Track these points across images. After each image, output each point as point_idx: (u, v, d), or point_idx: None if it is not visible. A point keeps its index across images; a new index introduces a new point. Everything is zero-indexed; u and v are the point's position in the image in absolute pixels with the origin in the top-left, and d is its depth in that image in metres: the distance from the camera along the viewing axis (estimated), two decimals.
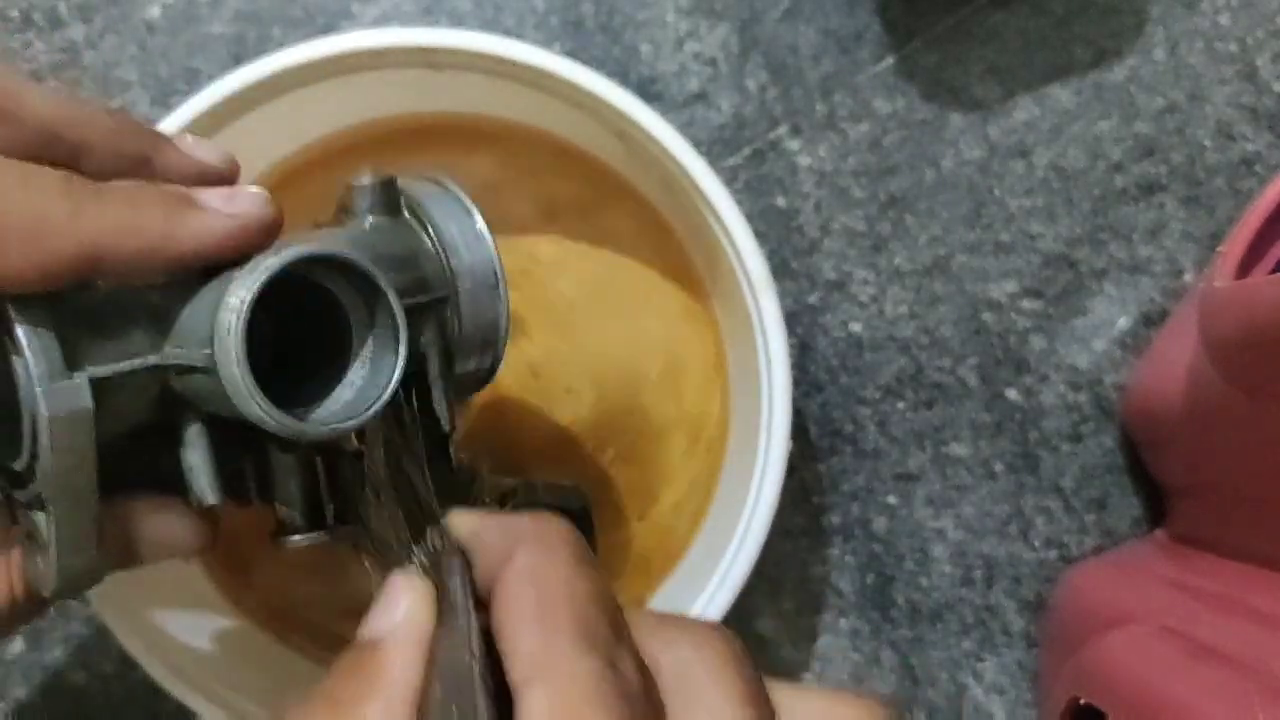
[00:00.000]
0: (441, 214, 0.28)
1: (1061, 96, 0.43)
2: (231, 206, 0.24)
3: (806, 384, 0.43)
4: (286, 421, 0.22)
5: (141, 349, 0.23)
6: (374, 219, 0.27)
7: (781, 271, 0.43)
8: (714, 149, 0.43)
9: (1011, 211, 0.43)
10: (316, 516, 0.27)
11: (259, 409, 0.22)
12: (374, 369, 0.24)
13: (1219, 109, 0.43)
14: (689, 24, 0.44)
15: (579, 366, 0.39)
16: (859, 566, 0.42)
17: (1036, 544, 0.42)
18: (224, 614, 0.38)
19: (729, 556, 0.34)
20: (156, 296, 0.24)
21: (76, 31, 0.44)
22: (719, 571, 0.34)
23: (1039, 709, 0.41)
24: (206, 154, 0.26)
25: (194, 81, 0.43)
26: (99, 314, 0.23)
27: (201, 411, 0.25)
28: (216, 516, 0.27)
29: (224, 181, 0.26)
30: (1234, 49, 0.43)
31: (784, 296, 0.42)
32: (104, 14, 0.44)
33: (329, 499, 0.27)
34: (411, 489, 0.25)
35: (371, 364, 0.24)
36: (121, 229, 0.22)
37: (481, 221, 0.28)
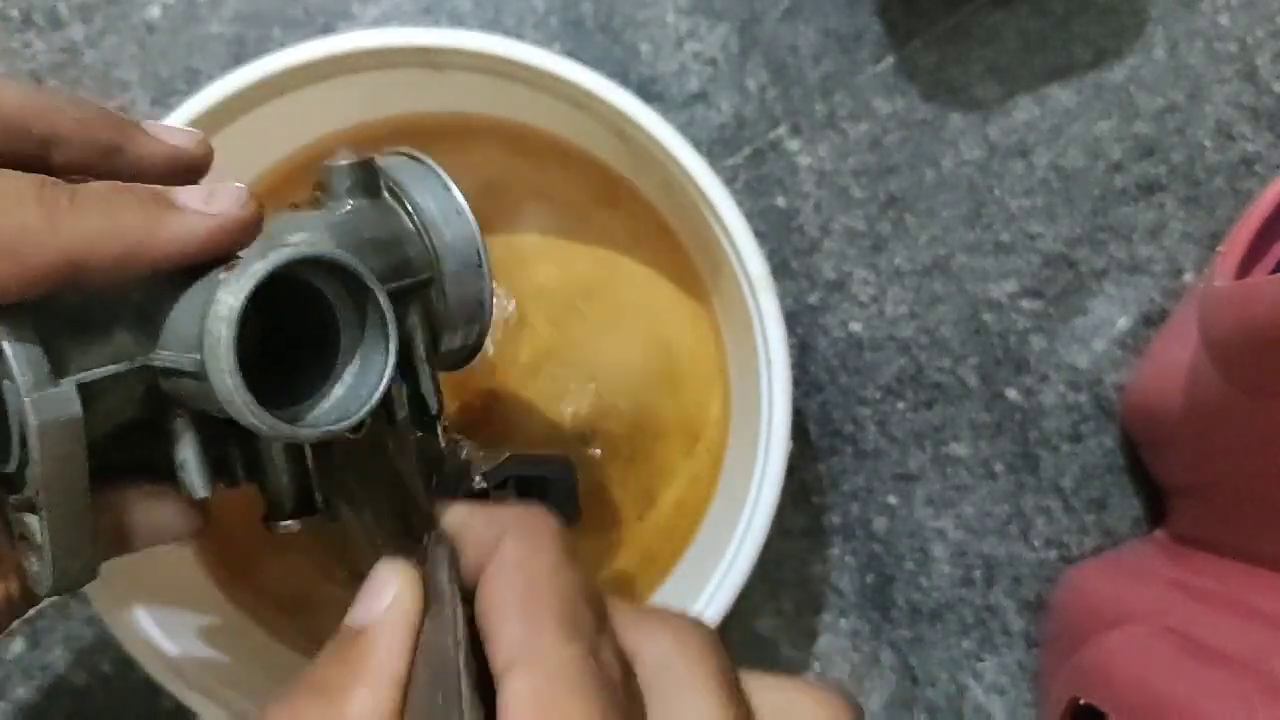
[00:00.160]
0: (420, 191, 0.28)
1: (1061, 96, 0.43)
2: (211, 206, 0.23)
3: (806, 384, 0.43)
4: (280, 427, 0.22)
5: (128, 351, 0.23)
6: (354, 201, 0.27)
7: (781, 271, 0.43)
8: (714, 149, 0.43)
9: (1011, 211, 0.43)
10: (306, 501, 0.27)
11: (251, 416, 0.21)
12: (363, 366, 0.23)
13: (1219, 109, 0.43)
14: (689, 24, 0.44)
15: (578, 366, 0.39)
16: (859, 566, 0.42)
17: (1036, 544, 0.42)
18: (223, 613, 0.38)
19: (729, 556, 0.34)
20: (139, 295, 0.23)
21: (76, 31, 0.44)
22: (719, 571, 0.34)
23: (1039, 709, 0.41)
24: (178, 138, 0.26)
25: (194, 81, 0.43)
26: (82, 317, 0.23)
27: (189, 407, 0.24)
28: (208, 501, 0.27)
29: (198, 166, 0.26)
30: (1234, 49, 0.43)
31: (784, 296, 0.42)
32: (104, 14, 0.44)
33: (318, 483, 0.27)
34: (400, 479, 0.25)
35: (361, 361, 0.24)
36: (101, 235, 0.22)
37: (460, 195, 0.28)
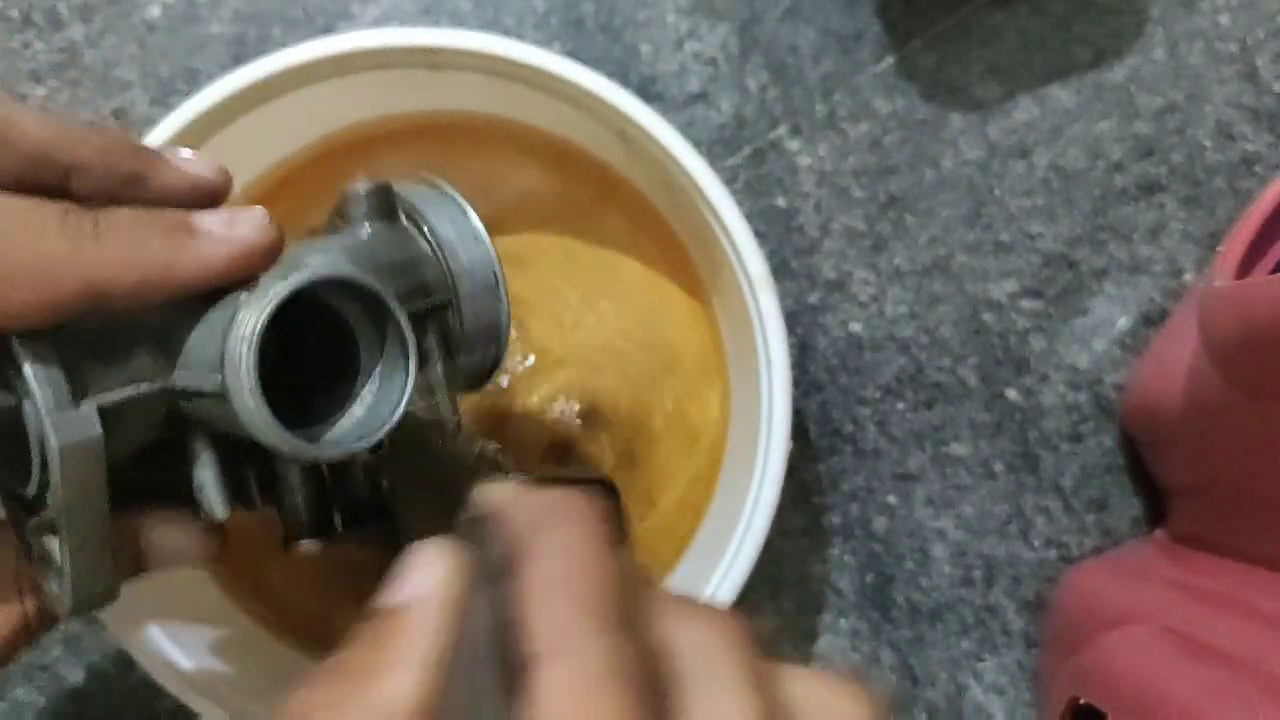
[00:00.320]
0: (438, 216, 0.28)
1: (1061, 96, 0.43)
2: (232, 231, 0.24)
3: (806, 384, 0.43)
4: (301, 447, 0.22)
5: (148, 373, 0.23)
6: (372, 226, 0.27)
7: (781, 271, 0.43)
8: (714, 149, 0.43)
9: (1011, 211, 0.43)
10: (325, 521, 0.27)
11: (274, 437, 0.22)
12: (383, 386, 0.24)
13: (1219, 109, 0.43)
14: (689, 24, 0.44)
15: (579, 366, 0.39)
16: (859, 566, 0.42)
17: (1036, 544, 0.42)
18: (223, 612, 0.38)
19: (729, 556, 0.34)
20: (160, 319, 0.24)
21: (76, 31, 0.44)
22: (718, 572, 0.34)
23: (1039, 709, 0.41)
24: (200, 169, 0.26)
25: (194, 81, 0.43)
26: (103, 340, 0.23)
27: (208, 429, 0.25)
28: (225, 526, 0.27)
29: (218, 195, 0.26)
30: (1234, 49, 0.43)
31: (784, 296, 0.42)
32: (104, 14, 0.44)
33: (336, 503, 0.27)
34: (437, 466, 0.25)
35: (381, 381, 0.24)
36: (123, 263, 0.22)
37: (477, 220, 0.28)
